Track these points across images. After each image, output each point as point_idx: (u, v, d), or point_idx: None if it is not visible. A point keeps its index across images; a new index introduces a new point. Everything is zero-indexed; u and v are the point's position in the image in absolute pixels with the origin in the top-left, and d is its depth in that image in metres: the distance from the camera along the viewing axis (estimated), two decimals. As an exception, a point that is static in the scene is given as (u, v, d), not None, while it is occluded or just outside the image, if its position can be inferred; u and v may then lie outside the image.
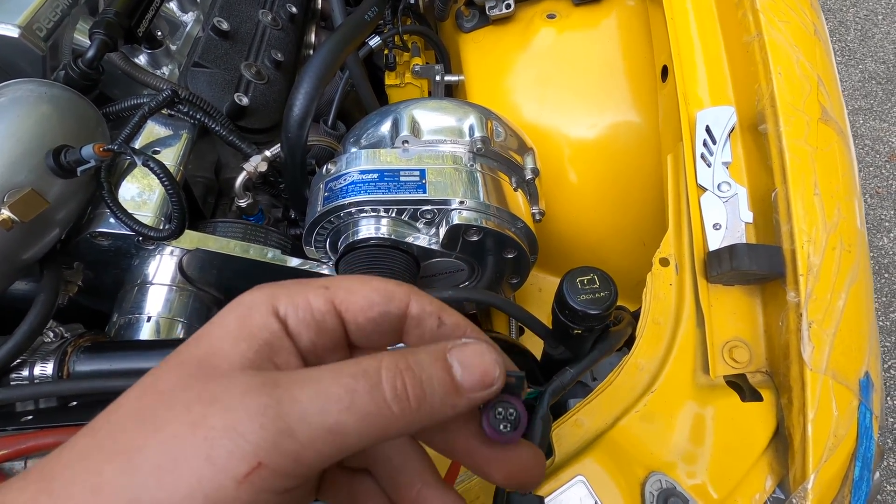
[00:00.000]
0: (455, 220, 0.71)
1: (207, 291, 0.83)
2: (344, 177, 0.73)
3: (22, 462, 0.53)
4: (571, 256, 1.07)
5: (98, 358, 0.63)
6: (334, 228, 0.76)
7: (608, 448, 0.52)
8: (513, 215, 0.75)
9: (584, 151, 1.00)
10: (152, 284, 0.79)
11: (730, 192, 0.61)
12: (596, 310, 0.56)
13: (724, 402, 0.54)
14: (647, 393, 0.55)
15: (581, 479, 0.49)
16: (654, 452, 0.52)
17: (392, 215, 0.73)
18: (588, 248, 1.04)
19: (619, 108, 0.96)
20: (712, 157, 0.62)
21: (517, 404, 0.30)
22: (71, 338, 0.65)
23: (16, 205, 0.56)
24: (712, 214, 0.60)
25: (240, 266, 0.79)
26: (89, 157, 0.62)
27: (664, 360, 0.57)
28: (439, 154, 0.76)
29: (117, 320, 0.76)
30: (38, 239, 0.64)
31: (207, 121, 0.82)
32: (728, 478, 0.51)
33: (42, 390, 0.58)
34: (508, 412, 0.30)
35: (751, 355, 0.56)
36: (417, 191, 0.71)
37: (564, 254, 1.08)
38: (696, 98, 0.67)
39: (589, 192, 1.02)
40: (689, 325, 0.58)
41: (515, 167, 0.82)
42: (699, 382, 0.56)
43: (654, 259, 0.63)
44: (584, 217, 1.04)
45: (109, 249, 0.73)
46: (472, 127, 0.78)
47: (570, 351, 0.66)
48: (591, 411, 0.55)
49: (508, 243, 0.76)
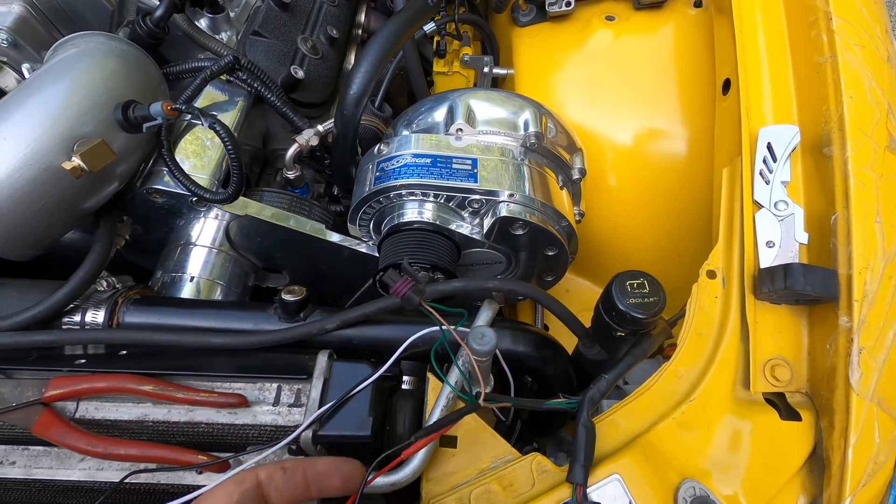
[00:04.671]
0: (502, 213, 0.72)
1: (247, 258, 0.84)
2: (397, 158, 0.74)
3: (74, 403, 0.54)
4: (604, 261, 1.07)
5: (147, 311, 0.65)
6: (380, 209, 0.77)
7: (644, 450, 0.52)
8: (558, 212, 0.75)
9: (628, 157, 1.00)
10: (195, 246, 0.80)
11: (787, 211, 0.60)
12: (643, 314, 0.57)
13: (763, 418, 0.55)
14: (685, 401, 0.56)
15: (617, 478, 0.50)
16: (689, 460, 0.53)
17: (439, 201, 0.73)
18: (622, 254, 1.04)
19: (669, 118, 0.95)
20: (771, 175, 0.62)
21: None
22: (122, 289, 0.66)
23: (86, 154, 0.57)
24: (767, 232, 0.60)
25: (283, 236, 0.80)
26: (157, 114, 0.63)
27: (704, 371, 0.57)
28: (492, 145, 0.76)
29: (161, 277, 0.78)
30: (99, 190, 0.65)
31: (263, 90, 0.83)
32: (761, 492, 0.51)
33: (95, 336, 0.59)
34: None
35: (792, 375, 0.57)
36: (469, 179, 0.72)
37: (597, 258, 1.08)
38: (760, 114, 0.67)
39: (629, 198, 1.02)
40: (733, 339, 0.58)
41: (564, 165, 0.82)
42: (738, 396, 0.56)
43: (700, 271, 0.63)
44: (622, 223, 1.03)
45: (162, 207, 0.74)
46: (526, 122, 0.78)
47: (605, 352, 0.67)
48: (628, 413, 0.56)
49: (551, 240, 0.76)
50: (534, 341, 0.66)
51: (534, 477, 0.53)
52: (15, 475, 0.55)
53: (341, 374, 0.55)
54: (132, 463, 0.54)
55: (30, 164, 0.57)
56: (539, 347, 0.66)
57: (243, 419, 0.53)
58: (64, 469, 0.56)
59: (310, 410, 0.52)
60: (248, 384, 0.55)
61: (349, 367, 0.55)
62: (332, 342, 0.62)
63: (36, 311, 0.60)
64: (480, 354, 0.54)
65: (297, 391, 0.55)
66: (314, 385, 0.53)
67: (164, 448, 0.51)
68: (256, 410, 0.53)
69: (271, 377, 0.55)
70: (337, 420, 0.52)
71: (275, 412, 0.53)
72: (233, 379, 0.55)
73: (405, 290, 0.57)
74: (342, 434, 0.51)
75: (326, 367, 0.54)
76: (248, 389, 0.54)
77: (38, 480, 0.56)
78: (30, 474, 0.55)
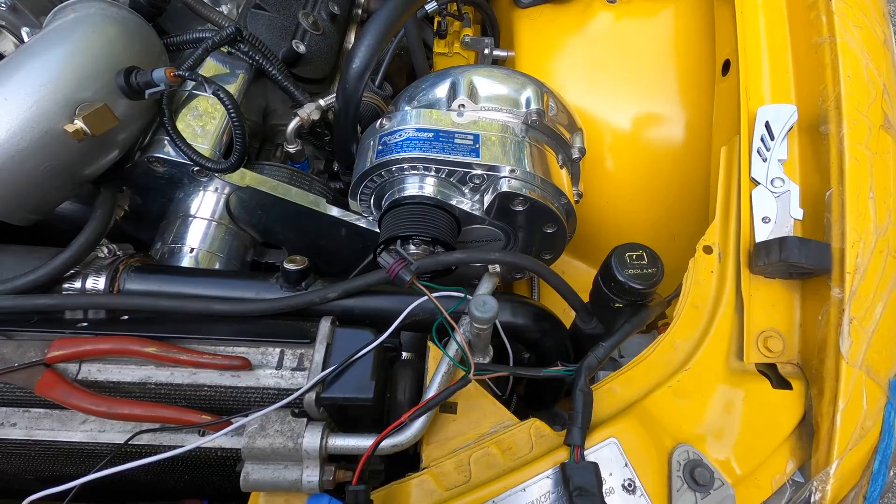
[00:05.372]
0: (503, 188, 0.72)
1: (247, 232, 0.84)
2: (399, 132, 0.74)
3: (76, 365, 0.54)
4: (600, 243, 1.08)
5: (148, 278, 0.65)
6: (381, 184, 0.77)
7: (640, 416, 0.54)
8: (558, 190, 0.76)
9: (626, 141, 1.01)
10: (195, 218, 0.80)
11: (783, 188, 0.62)
12: (642, 285, 0.58)
13: (755, 386, 0.56)
14: (680, 370, 0.57)
15: (614, 441, 0.51)
16: (684, 426, 0.54)
17: (441, 176, 0.74)
18: (618, 236, 1.05)
19: (668, 101, 0.96)
20: (769, 153, 0.63)
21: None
22: (122, 256, 0.66)
23: (89, 117, 0.57)
24: (763, 208, 0.62)
25: (283, 210, 0.80)
26: (160, 80, 0.62)
27: (700, 342, 0.59)
28: (493, 121, 0.76)
29: (160, 248, 0.77)
30: (101, 156, 0.65)
31: (265, 63, 0.82)
32: (752, 457, 0.53)
33: (97, 301, 0.59)
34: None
35: (784, 346, 0.58)
36: (470, 154, 0.72)
37: (593, 240, 1.09)
38: (758, 94, 0.68)
39: (626, 181, 1.03)
40: (727, 312, 0.60)
41: (564, 144, 0.83)
42: (731, 367, 0.58)
43: (697, 246, 0.64)
44: (618, 206, 1.04)
45: (163, 176, 0.74)
46: (528, 99, 0.78)
47: (602, 325, 0.68)
48: (625, 382, 0.57)
49: (550, 217, 0.77)
50: (532, 314, 0.67)
51: (532, 441, 0.54)
52: (16, 436, 0.56)
53: (344, 339, 0.55)
54: (135, 425, 0.55)
55: (31, 127, 0.56)
56: (538, 320, 0.67)
57: (246, 382, 0.54)
58: (66, 431, 0.56)
59: (313, 373, 0.52)
60: (250, 348, 0.55)
61: (352, 332, 0.56)
62: (334, 312, 0.62)
63: (36, 275, 0.60)
64: (482, 322, 0.55)
65: (299, 356, 0.55)
66: (317, 349, 0.54)
67: (168, 408, 0.51)
68: (259, 374, 0.54)
69: (274, 341, 0.55)
70: (340, 383, 0.52)
71: (278, 375, 0.54)
72: (235, 343, 0.56)
73: (397, 269, 0.58)
74: (345, 396, 0.52)
75: (329, 332, 0.55)
76: (251, 353, 0.55)
77: (39, 442, 0.56)
78: (31, 436, 0.56)
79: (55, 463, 0.61)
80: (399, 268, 0.54)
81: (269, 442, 0.50)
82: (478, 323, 0.55)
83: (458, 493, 0.51)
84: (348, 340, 0.55)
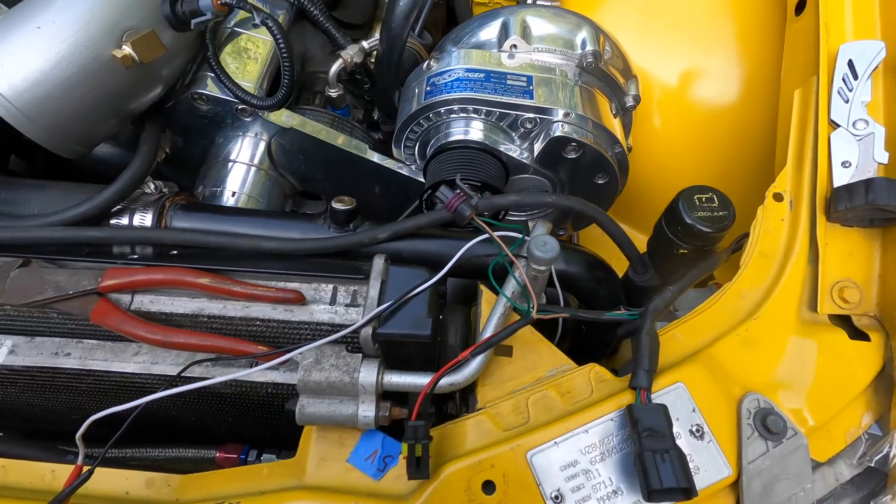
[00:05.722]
0: (557, 133, 0.69)
1: (287, 178, 0.83)
2: (449, 73, 0.71)
3: (129, 295, 0.54)
4: (644, 205, 1.04)
5: (194, 216, 0.64)
6: (427, 129, 0.74)
7: (707, 363, 0.51)
8: (613, 137, 0.73)
9: (677, 96, 0.95)
10: (235, 163, 0.79)
11: (866, 130, 0.57)
12: (711, 228, 0.54)
13: (829, 337, 0.53)
14: (748, 319, 0.54)
15: (681, 386, 0.49)
16: (752, 375, 0.52)
17: (490, 120, 0.71)
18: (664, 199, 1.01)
19: (726, 52, 0.91)
20: (851, 94, 0.59)
21: None
22: (169, 193, 0.65)
23: (137, 43, 0.55)
24: (843, 152, 0.57)
25: (325, 155, 0.78)
26: (206, 8, 0.60)
27: (769, 292, 0.56)
28: (547, 64, 0.73)
29: (201, 192, 0.76)
30: (146, 88, 0.63)
31: (307, 3, 0.79)
32: (825, 408, 0.50)
33: (147, 235, 0.59)
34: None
35: (861, 297, 0.55)
36: (524, 96, 0.69)
37: (636, 203, 1.05)
38: (840, 31, 0.63)
39: (675, 140, 0.98)
40: (800, 261, 0.57)
41: (618, 91, 0.79)
42: (803, 318, 0.55)
43: (767, 193, 0.61)
44: (665, 164, 1.00)
45: (206, 115, 0.72)
46: (584, 40, 0.74)
47: (658, 277, 0.65)
48: (688, 330, 0.55)
49: (603, 167, 0.74)
50: (586, 262, 0.65)
51: (592, 385, 0.52)
52: (70, 365, 0.55)
53: (398, 277, 0.54)
54: (187, 357, 0.54)
55: (80, 52, 0.55)
56: (591, 268, 0.65)
57: (300, 316, 0.52)
58: (118, 362, 0.56)
59: (368, 309, 0.51)
60: (302, 284, 0.54)
61: (406, 271, 0.54)
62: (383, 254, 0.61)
63: (86, 207, 0.59)
64: (542, 262, 0.52)
65: (352, 292, 0.54)
66: (372, 285, 0.52)
67: (224, 338, 0.50)
68: (313, 309, 0.53)
69: (327, 276, 0.54)
70: (396, 320, 0.51)
71: (331, 311, 0.53)
72: (287, 278, 0.54)
73: (457, 203, 0.55)
74: (402, 333, 0.50)
75: (384, 269, 0.53)
76: (304, 289, 0.54)
77: (92, 372, 0.56)
78: (85, 365, 0.56)
79: (105, 399, 0.61)
80: (459, 202, 0.52)
81: (324, 376, 0.49)
82: (537, 264, 0.52)
83: (515, 434, 0.49)
84: (402, 278, 0.53)
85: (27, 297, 0.52)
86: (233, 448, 0.70)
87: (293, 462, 0.52)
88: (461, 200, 0.52)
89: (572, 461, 0.47)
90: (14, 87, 0.53)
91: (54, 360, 0.56)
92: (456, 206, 0.52)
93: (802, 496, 0.47)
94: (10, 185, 0.66)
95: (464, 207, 0.52)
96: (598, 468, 0.47)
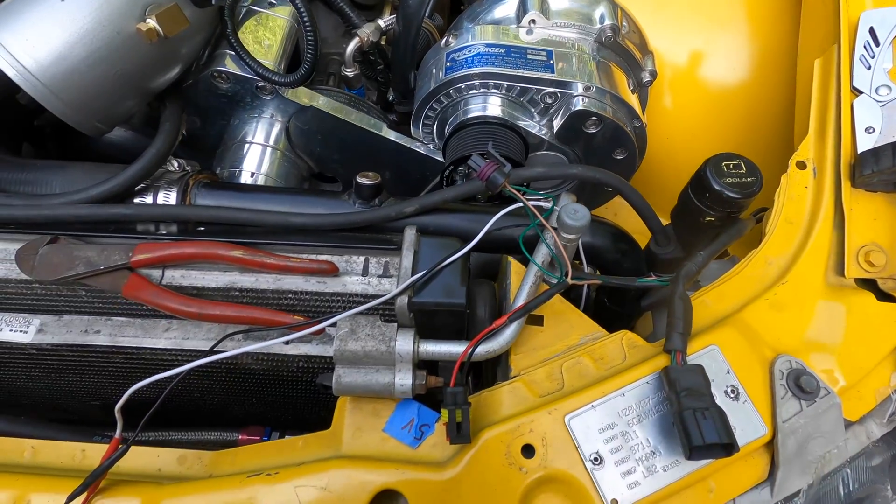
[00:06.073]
0: (577, 107, 0.69)
1: (304, 160, 0.82)
2: (468, 48, 0.71)
3: (160, 270, 0.54)
4: (657, 186, 1.04)
5: (218, 194, 0.64)
6: (446, 107, 0.74)
7: (738, 327, 0.52)
8: (632, 111, 0.73)
9: (690, 76, 0.96)
10: (252, 144, 0.78)
11: (889, 96, 0.58)
12: (739, 194, 0.55)
13: (857, 299, 0.54)
14: (776, 284, 0.55)
15: (715, 348, 0.50)
16: (783, 338, 0.52)
17: (510, 95, 0.71)
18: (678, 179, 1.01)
19: (740, 28, 0.91)
20: (873, 60, 0.59)
21: None
22: (192, 171, 0.65)
23: (162, 16, 0.55)
24: (866, 118, 0.58)
25: (343, 134, 0.78)
26: (228, -18, 0.59)
27: (795, 257, 0.56)
28: (565, 39, 0.73)
29: (220, 173, 0.76)
30: (168, 65, 0.63)
31: (321, -19, 0.79)
32: (855, 369, 0.51)
33: (174, 212, 0.58)
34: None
35: (887, 261, 0.55)
36: (544, 70, 0.69)
37: (648, 184, 1.04)
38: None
39: (687, 119, 0.99)
40: (825, 227, 0.57)
41: (635, 66, 0.79)
42: (830, 282, 0.55)
43: (790, 162, 0.61)
44: (676, 144, 1.00)
45: (225, 94, 0.72)
46: (602, 15, 0.74)
47: (680, 249, 0.66)
48: (717, 296, 0.55)
49: (622, 141, 0.74)
50: (611, 234, 0.65)
51: (625, 351, 0.52)
52: (101, 342, 0.55)
53: (429, 247, 0.54)
54: (219, 331, 0.54)
55: (104, 26, 0.54)
56: (617, 241, 0.65)
57: (333, 288, 0.53)
58: (149, 338, 0.56)
59: (402, 279, 0.51)
60: (334, 256, 0.54)
61: (437, 241, 0.54)
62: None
63: (110, 185, 0.58)
64: (573, 231, 0.53)
65: (384, 263, 0.54)
66: (405, 255, 0.52)
67: (259, 310, 0.50)
68: (346, 280, 0.53)
69: (359, 247, 0.54)
70: (430, 289, 0.51)
71: (364, 282, 0.53)
72: (318, 251, 0.54)
73: (490, 171, 0.56)
74: (437, 301, 0.50)
75: (416, 240, 0.53)
76: (336, 261, 0.54)
77: (123, 349, 0.56)
78: (115, 342, 0.55)
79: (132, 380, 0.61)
80: (491, 170, 0.52)
81: (360, 345, 0.49)
82: (568, 232, 0.53)
83: (551, 400, 0.50)
84: (434, 249, 0.54)
85: (57, 274, 0.52)
86: (255, 430, 0.70)
87: (328, 434, 0.52)
88: (494, 168, 0.52)
89: (610, 424, 0.48)
90: (39, 61, 0.53)
91: (84, 338, 0.56)
92: (489, 175, 0.52)
93: (836, 454, 0.48)
94: (29, 166, 0.65)
95: (496, 176, 0.52)
96: (635, 430, 0.47)
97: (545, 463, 0.46)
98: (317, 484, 0.48)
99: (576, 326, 0.55)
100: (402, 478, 0.47)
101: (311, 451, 0.52)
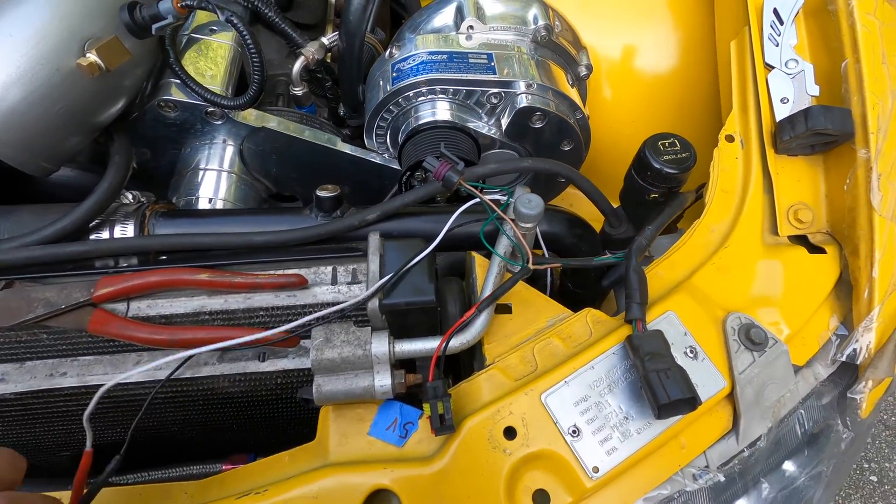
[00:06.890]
0: (522, 104, 0.73)
1: (261, 182, 0.83)
2: (412, 58, 0.73)
3: (124, 303, 0.53)
4: (604, 172, 1.09)
5: (177, 222, 0.63)
6: (396, 116, 0.76)
7: (690, 292, 0.56)
8: (574, 103, 0.77)
9: (622, 68, 1.01)
10: (207, 170, 0.78)
11: (797, 68, 0.64)
12: (676, 169, 0.59)
13: (791, 255, 0.59)
14: (720, 249, 0.59)
15: (671, 314, 0.53)
16: (731, 297, 0.56)
17: (457, 99, 0.74)
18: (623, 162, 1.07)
19: (662, 20, 0.97)
20: (779, 38, 0.65)
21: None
22: (147, 202, 0.64)
23: (102, 49, 0.55)
24: (780, 89, 0.64)
25: (298, 152, 0.78)
26: (167, 11, 0.60)
27: (734, 223, 0.61)
28: (503, 41, 0.76)
29: (176, 202, 0.75)
30: (111, 99, 0.62)
31: (261, 6, 0.80)
32: (797, 317, 0.55)
33: (133, 244, 0.58)
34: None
35: (813, 217, 0.61)
36: (487, 72, 0.72)
37: (597, 171, 1.10)
38: (762, -16, 0.69)
39: (624, 109, 1.04)
40: (756, 192, 0.62)
41: (571, 62, 0.83)
42: (766, 241, 0.60)
43: (719, 136, 0.66)
44: (620, 131, 1.06)
45: (174, 122, 0.71)
46: (535, 16, 0.78)
47: (633, 229, 0.70)
48: (669, 266, 0.59)
49: (568, 133, 0.78)
50: (566, 220, 0.68)
51: (590, 328, 0.55)
52: (68, 384, 0.54)
53: (394, 250, 0.55)
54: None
55: (42, 64, 0.54)
56: (572, 226, 0.68)
57: (303, 300, 0.53)
58: (119, 374, 0.54)
59: (371, 282, 0.52)
60: (301, 269, 0.55)
61: (402, 243, 0.56)
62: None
63: (63, 223, 0.57)
64: (529, 219, 0.55)
65: (352, 270, 0.55)
66: (371, 260, 0.53)
67: (231, 329, 0.50)
68: (315, 291, 0.54)
69: (325, 257, 0.55)
70: (400, 290, 0.52)
71: (334, 290, 0.54)
72: (284, 266, 0.55)
73: (445, 170, 0.58)
74: (408, 301, 0.52)
75: (380, 245, 0.55)
76: (304, 273, 0.54)
77: (92, 388, 0.54)
78: (84, 381, 0.54)
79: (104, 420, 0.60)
80: (446, 169, 0.54)
81: (337, 352, 0.50)
82: (525, 221, 0.55)
83: (527, 382, 0.52)
84: (399, 251, 0.55)
85: (16, 318, 0.50)
86: (239, 458, 0.70)
87: (314, 444, 0.52)
88: (448, 168, 0.55)
89: (583, 396, 0.50)
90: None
91: (50, 382, 0.54)
92: (444, 174, 0.55)
93: (789, 396, 0.52)
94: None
95: (451, 174, 0.55)
96: (607, 399, 0.50)
97: (527, 442, 0.48)
98: (308, 494, 0.48)
99: (542, 310, 0.57)
100: (392, 476, 0.48)
101: (299, 464, 0.52)
